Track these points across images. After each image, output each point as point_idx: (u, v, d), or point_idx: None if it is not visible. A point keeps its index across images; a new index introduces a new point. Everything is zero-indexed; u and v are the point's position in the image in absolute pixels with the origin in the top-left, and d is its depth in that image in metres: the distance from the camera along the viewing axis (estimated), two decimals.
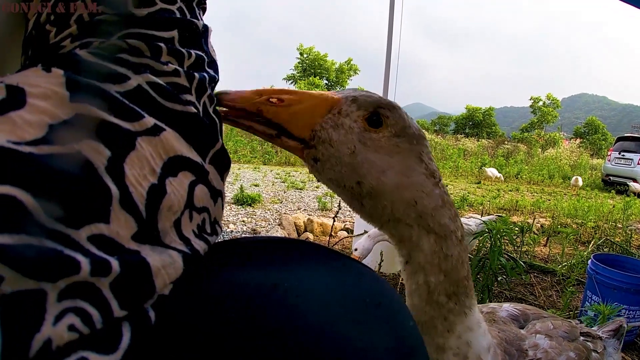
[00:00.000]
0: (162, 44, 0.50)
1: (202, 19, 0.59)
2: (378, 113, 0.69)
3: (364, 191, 0.69)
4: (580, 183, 12.78)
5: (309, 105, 0.67)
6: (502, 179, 12.47)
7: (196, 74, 0.52)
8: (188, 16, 0.55)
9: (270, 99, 0.65)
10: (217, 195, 0.51)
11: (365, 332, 0.46)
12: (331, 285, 0.50)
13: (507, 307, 1.23)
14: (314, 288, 0.48)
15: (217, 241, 0.55)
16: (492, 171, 12.51)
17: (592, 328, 1.47)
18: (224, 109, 0.63)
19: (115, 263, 0.36)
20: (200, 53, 0.55)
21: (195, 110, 0.49)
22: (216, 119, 0.54)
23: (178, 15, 0.54)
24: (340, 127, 0.67)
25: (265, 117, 0.65)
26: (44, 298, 0.31)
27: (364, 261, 2.89)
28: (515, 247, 3.81)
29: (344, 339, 0.44)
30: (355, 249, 2.73)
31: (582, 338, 1.23)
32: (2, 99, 0.36)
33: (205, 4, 0.62)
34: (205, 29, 0.58)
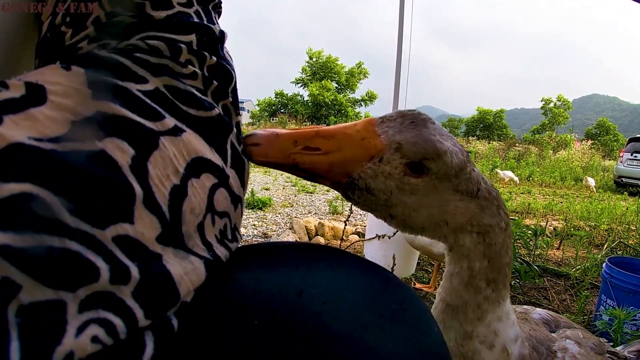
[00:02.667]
0: (182, 45, 0.49)
1: (218, 23, 0.59)
2: (424, 164, 0.65)
3: (395, 221, 0.70)
4: (591, 183, 12.66)
5: (348, 156, 0.63)
6: (518, 181, 12.37)
7: (214, 81, 0.51)
8: (205, 20, 0.55)
9: (306, 147, 0.61)
10: (237, 200, 0.50)
11: (393, 338, 0.45)
12: (357, 291, 0.49)
13: (540, 311, 1.23)
14: (340, 294, 0.47)
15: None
16: (506, 174, 12.39)
17: (617, 348, 1.45)
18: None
19: (134, 270, 0.35)
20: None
21: (216, 113, 0.48)
22: (235, 129, 0.53)
23: (195, 18, 0.54)
24: (380, 175, 0.64)
25: (301, 168, 0.62)
26: (64, 308, 0.30)
27: None
28: (529, 251, 3.78)
29: (372, 346, 0.43)
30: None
31: (608, 355, 1.21)
32: (22, 96, 0.35)
33: (220, 7, 0.61)
34: (222, 34, 0.58)
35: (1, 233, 0.27)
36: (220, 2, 0.61)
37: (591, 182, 12.90)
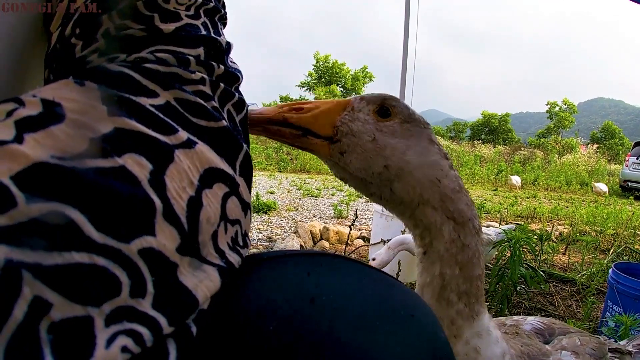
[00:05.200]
0: (191, 57, 0.51)
1: (223, 34, 0.60)
2: (385, 105, 0.78)
3: (392, 173, 0.75)
4: (602, 189, 12.59)
5: (326, 108, 0.76)
6: (520, 184, 12.34)
7: (221, 84, 0.52)
8: (212, 32, 0.56)
9: (292, 108, 0.75)
10: (246, 207, 0.51)
11: (402, 343, 0.47)
12: (366, 297, 0.50)
13: (531, 321, 1.21)
14: (350, 301, 0.49)
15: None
16: (516, 179, 12.36)
17: (621, 342, 1.44)
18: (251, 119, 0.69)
19: (150, 285, 0.35)
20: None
21: (224, 124, 0.49)
22: (241, 128, 0.54)
23: (203, 30, 0.55)
24: (357, 120, 0.76)
25: (290, 122, 0.74)
26: (92, 323, 0.31)
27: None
28: (535, 256, 3.77)
29: (382, 351, 0.44)
30: (373, 259, 2.73)
31: (610, 354, 1.20)
32: (40, 113, 0.36)
33: (226, 19, 0.63)
34: (228, 45, 0.59)
35: (33, 252, 0.28)
36: (226, 14, 0.63)
37: (602, 187, 12.83)
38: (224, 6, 0.63)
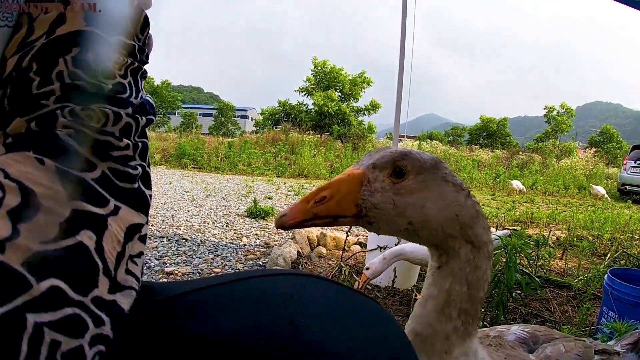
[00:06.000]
0: (123, 112, 0.62)
1: (142, 89, 0.70)
2: (397, 167, 0.82)
3: (416, 227, 0.81)
4: (600, 192, 12.58)
5: (345, 191, 0.81)
6: (525, 190, 12.33)
7: (139, 143, 0.65)
8: (134, 90, 0.66)
9: (316, 201, 0.79)
10: (145, 238, 0.63)
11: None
12: (346, 323, 0.58)
13: (515, 330, 1.21)
14: (329, 325, 0.56)
15: (228, 273, 0.69)
16: (517, 184, 12.36)
17: (609, 342, 1.44)
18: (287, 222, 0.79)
19: (104, 317, 0.49)
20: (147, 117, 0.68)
21: (137, 185, 0.62)
22: (141, 170, 0.65)
23: (127, 89, 0.64)
24: (375, 192, 0.80)
25: (321, 216, 0.80)
26: (83, 350, 0.46)
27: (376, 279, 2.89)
28: (531, 262, 3.77)
29: None
30: (367, 268, 2.73)
31: (597, 357, 1.20)
32: (21, 203, 0.47)
33: (146, 72, 0.72)
34: (145, 100, 0.69)
35: (47, 314, 0.43)
36: (146, 71, 0.72)
37: (600, 190, 12.82)
38: (147, 57, 0.72)
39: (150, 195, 0.66)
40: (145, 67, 0.71)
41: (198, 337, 0.54)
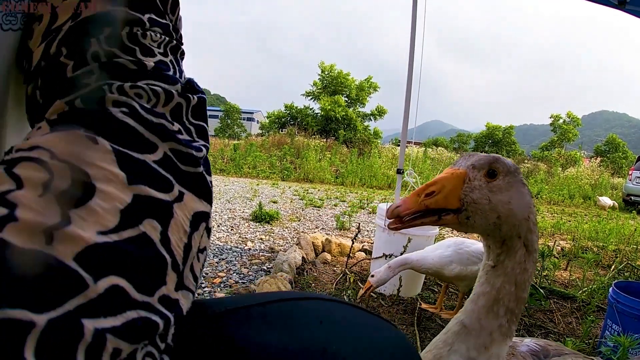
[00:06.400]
0: (173, 91, 0.56)
1: (183, 69, 0.66)
2: (492, 169, 0.94)
3: (502, 221, 0.93)
4: (607, 203, 12.55)
5: (451, 186, 0.93)
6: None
7: (195, 123, 0.59)
8: (177, 69, 0.62)
9: (426, 194, 0.91)
10: (210, 232, 0.58)
11: None
12: (373, 349, 0.58)
13: (528, 342, 1.25)
14: (358, 354, 0.56)
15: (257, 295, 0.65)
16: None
17: None
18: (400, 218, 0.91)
19: (172, 317, 0.44)
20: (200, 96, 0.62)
21: (200, 170, 0.54)
22: (205, 151, 0.59)
23: (170, 67, 0.60)
24: (475, 189, 0.93)
25: (431, 208, 0.91)
26: (136, 353, 0.40)
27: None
28: (535, 273, 3.77)
29: None
30: (372, 275, 2.75)
31: None
32: (72, 187, 0.40)
33: (184, 53, 0.68)
34: (188, 80, 0.64)
35: (108, 319, 0.36)
36: (184, 52, 0.68)
37: (607, 201, 12.78)
38: (181, 38, 0.69)
39: (211, 183, 0.59)
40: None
41: (250, 349, 0.53)
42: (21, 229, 0.35)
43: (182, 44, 0.67)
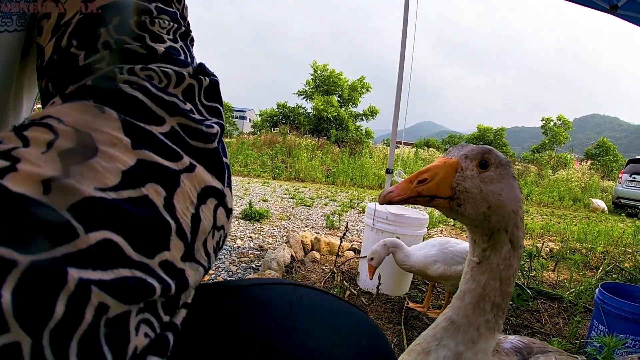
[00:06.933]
0: (184, 73, 0.57)
1: (193, 55, 0.68)
2: (484, 159, 0.95)
3: (492, 211, 0.93)
4: (600, 205, 12.65)
5: (443, 174, 0.93)
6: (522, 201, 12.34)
7: (208, 105, 0.60)
8: (188, 55, 0.63)
9: (419, 181, 0.91)
10: (229, 213, 0.58)
11: None
12: (338, 329, 0.61)
13: (512, 339, 1.27)
14: (324, 331, 0.59)
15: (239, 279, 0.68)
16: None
17: None
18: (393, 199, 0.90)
19: (173, 285, 0.44)
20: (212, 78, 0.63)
21: (214, 146, 0.55)
22: (219, 128, 0.59)
23: (181, 53, 0.62)
24: (467, 178, 0.93)
25: (423, 194, 0.91)
26: (129, 316, 0.40)
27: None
28: (523, 273, 3.79)
29: None
30: (371, 258, 2.80)
31: None
32: (76, 146, 0.42)
33: (193, 39, 0.69)
34: (198, 64, 0.64)
35: (96, 271, 0.36)
36: (194, 38, 0.70)
37: (600, 204, 12.90)
38: (189, 25, 0.70)
39: (228, 165, 0.59)
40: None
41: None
42: (19, 177, 0.36)
43: (190, 30, 0.69)
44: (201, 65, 0.63)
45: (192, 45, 0.68)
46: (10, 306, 0.31)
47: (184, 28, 0.65)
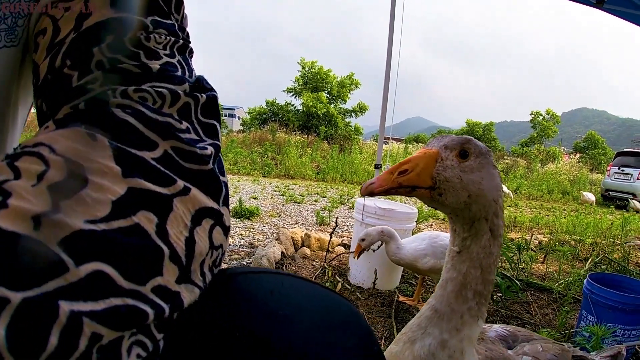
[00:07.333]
0: (180, 91, 0.57)
1: (192, 67, 0.66)
2: (463, 149, 0.97)
3: (472, 200, 0.95)
4: (590, 198, 12.75)
5: (424, 165, 0.95)
6: (511, 195, 12.36)
7: (205, 122, 0.60)
8: (185, 69, 0.62)
9: (400, 172, 0.93)
10: (227, 231, 0.58)
11: (344, 346, 0.58)
12: (316, 312, 0.61)
13: (496, 328, 1.29)
14: (303, 314, 0.59)
15: None
16: (504, 189, 12.41)
17: (592, 353, 1.47)
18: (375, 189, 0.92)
19: (167, 309, 0.45)
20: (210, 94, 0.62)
21: (210, 167, 0.55)
22: (213, 149, 0.58)
23: (179, 68, 0.61)
24: (447, 168, 0.95)
25: (404, 185, 0.93)
26: (121, 341, 0.40)
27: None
28: (512, 265, 3.81)
29: (327, 353, 0.55)
30: (362, 239, 2.86)
31: None
32: (65, 178, 0.42)
33: (192, 51, 0.68)
34: (198, 77, 0.64)
35: (88, 303, 0.37)
36: (192, 50, 0.68)
37: (590, 197, 13.00)
38: (188, 37, 0.68)
39: (225, 183, 0.59)
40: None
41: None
42: (10, 214, 0.36)
43: (189, 42, 0.68)
44: (199, 79, 0.63)
45: (191, 57, 0.67)
46: (4, 341, 0.32)
47: (182, 41, 0.65)
